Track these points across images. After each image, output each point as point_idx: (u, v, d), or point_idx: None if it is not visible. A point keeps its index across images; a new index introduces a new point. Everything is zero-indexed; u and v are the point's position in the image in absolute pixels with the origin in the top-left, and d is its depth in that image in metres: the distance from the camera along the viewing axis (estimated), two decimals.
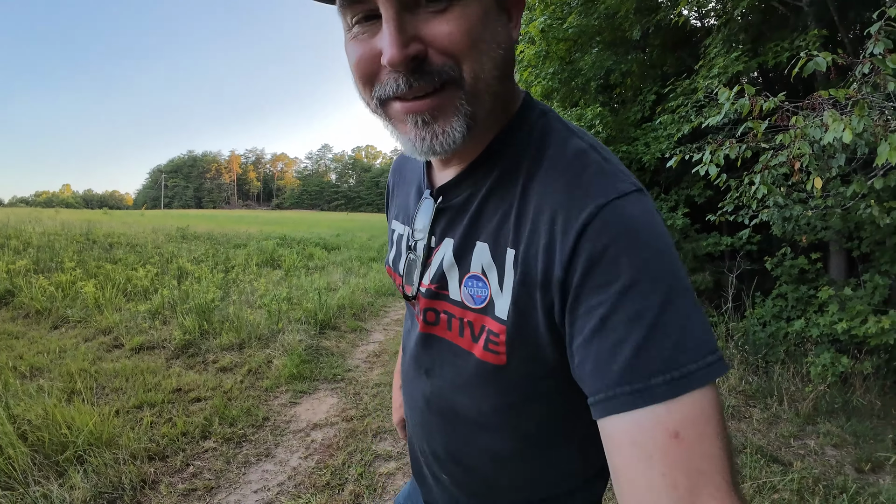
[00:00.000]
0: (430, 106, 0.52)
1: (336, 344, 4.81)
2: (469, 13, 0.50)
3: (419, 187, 0.74)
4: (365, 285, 7.78)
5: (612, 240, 0.48)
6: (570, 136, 0.59)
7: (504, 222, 0.58)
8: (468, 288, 0.62)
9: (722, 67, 4.69)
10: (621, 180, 0.53)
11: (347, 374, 4.05)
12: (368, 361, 4.44)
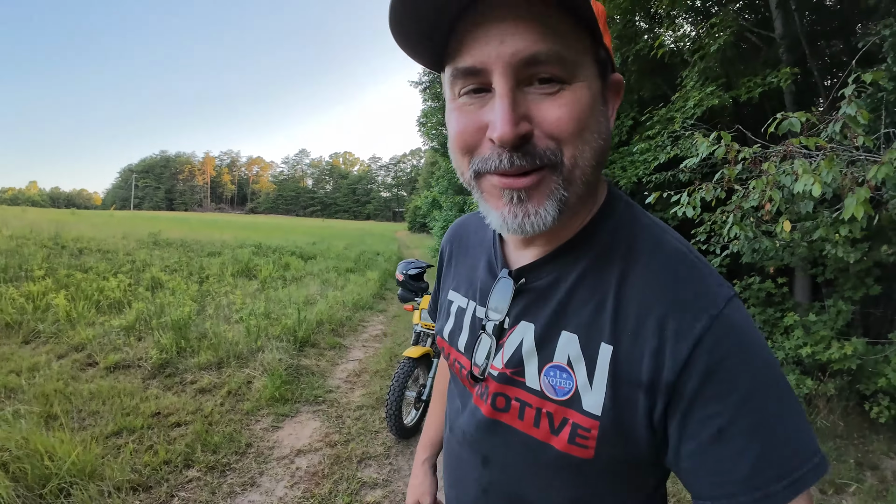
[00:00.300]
0: (528, 184, 0.52)
1: (316, 362, 4.79)
2: (579, 99, 0.51)
3: (490, 263, 0.73)
4: (343, 298, 7.74)
5: (728, 352, 0.51)
6: (663, 233, 0.60)
7: (598, 315, 0.58)
8: (549, 378, 0.60)
9: (697, 101, 4.89)
10: (720, 284, 0.55)
11: (329, 396, 4.04)
12: (349, 381, 4.44)
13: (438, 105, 14.97)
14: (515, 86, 0.50)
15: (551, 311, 0.61)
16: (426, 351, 3.55)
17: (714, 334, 0.51)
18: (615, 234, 0.61)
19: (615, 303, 0.57)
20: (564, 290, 0.61)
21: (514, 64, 0.49)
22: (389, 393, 3.25)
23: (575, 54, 0.51)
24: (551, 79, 0.50)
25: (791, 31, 5.36)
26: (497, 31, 0.49)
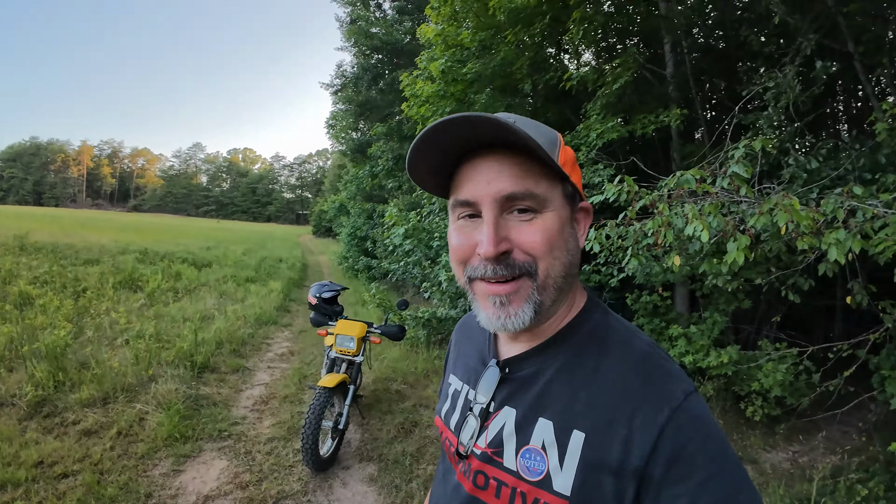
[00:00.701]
0: (508, 291, 0.65)
1: (217, 390, 4.44)
2: (548, 225, 0.66)
3: (482, 353, 0.83)
4: (243, 312, 7.27)
5: (689, 440, 0.59)
6: (633, 336, 0.70)
7: (572, 405, 0.66)
8: (525, 459, 0.67)
9: (599, 132, 5.31)
10: (682, 380, 0.64)
11: (235, 429, 3.77)
12: (256, 410, 4.18)
13: (349, 108, 14.67)
14: (499, 214, 0.65)
15: (531, 399, 0.70)
16: (342, 378, 3.46)
17: (675, 424, 0.59)
18: (590, 335, 0.71)
19: (588, 395, 0.66)
20: (543, 382, 0.70)
21: (497, 199, 0.64)
22: (305, 426, 3.11)
23: (544, 191, 0.65)
24: (526, 209, 0.65)
25: (681, 72, 6.02)
26: (486, 174, 0.65)
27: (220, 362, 5.12)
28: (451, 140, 0.65)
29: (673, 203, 3.04)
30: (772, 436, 4.20)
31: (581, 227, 0.73)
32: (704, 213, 2.85)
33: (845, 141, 3.85)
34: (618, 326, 0.72)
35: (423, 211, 7.84)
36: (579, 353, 0.70)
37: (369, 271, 14.78)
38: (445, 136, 0.64)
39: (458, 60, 6.89)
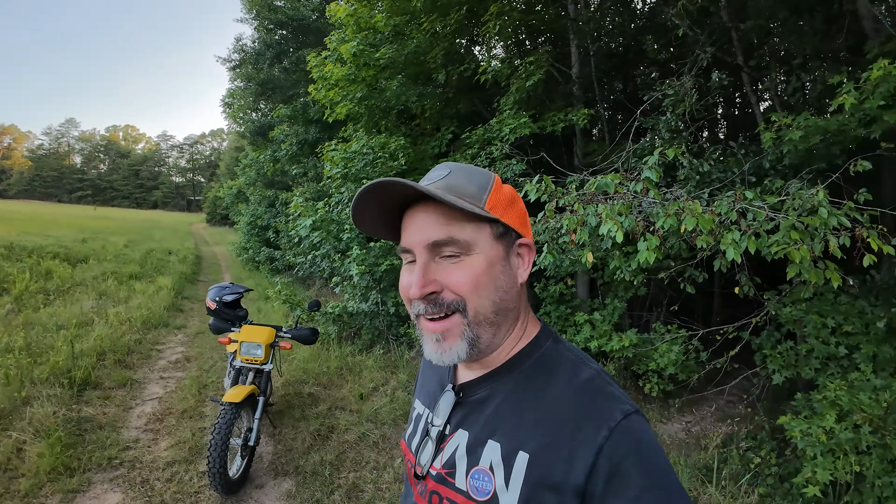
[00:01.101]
0: (442, 328, 0.71)
1: (102, 410, 3.87)
2: (475, 266, 0.70)
3: (442, 379, 0.87)
4: (128, 315, 6.48)
5: (624, 456, 0.62)
6: (580, 363, 0.74)
7: (518, 428, 0.70)
8: (474, 480, 0.71)
9: (512, 128, 5.39)
10: (623, 402, 0.67)
11: (127, 455, 3.30)
12: (150, 430, 3.71)
13: (248, 87, 13.58)
14: (430, 259, 0.71)
15: (482, 422, 0.74)
16: (250, 390, 3.17)
17: (613, 442, 0.63)
18: (540, 362, 0.75)
19: (534, 418, 0.69)
20: (494, 405, 0.74)
21: (426, 245, 0.71)
22: (210, 447, 2.80)
23: (469, 235, 0.70)
24: (453, 254, 0.70)
25: (585, 73, 6.29)
26: (417, 224, 0.72)
27: (104, 376, 4.48)
28: (382, 199, 0.73)
29: (587, 203, 3.13)
30: (667, 409, 4.60)
31: (523, 262, 0.77)
32: (614, 212, 2.97)
33: (732, 147, 4.23)
34: (566, 354, 0.76)
35: (331, 201, 7.47)
36: (528, 378, 0.74)
37: (272, 263, 13.96)
38: (375, 197, 0.72)
39: (371, 44, 6.60)
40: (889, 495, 2.78)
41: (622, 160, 4.63)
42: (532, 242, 0.79)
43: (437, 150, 7.13)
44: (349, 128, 7.92)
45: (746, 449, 3.73)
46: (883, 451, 2.86)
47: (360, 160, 6.47)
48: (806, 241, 2.46)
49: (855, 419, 2.90)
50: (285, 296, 6.94)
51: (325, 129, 11.00)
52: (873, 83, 2.66)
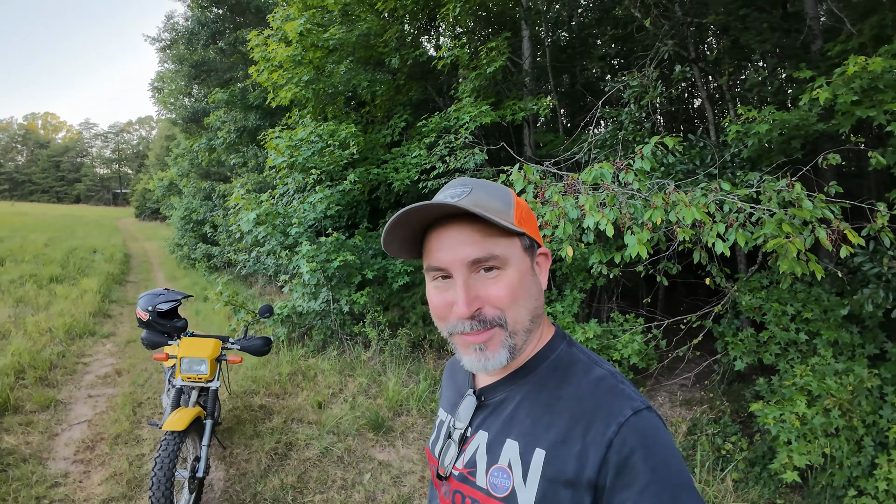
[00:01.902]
0: (485, 339, 0.73)
1: (24, 438, 3.34)
2: (512, 279, 0.72)
3: (462, 386, 0.90)
4: (49, 324, 5.76)
5: (632, 450, 0.64)
6: (592, 364, 0.77)
7: (535, 426, 0.73)
8: (493, 477, 0.74)
9: (474, 116, 5.18)
10: (634, 399, 0.70)
11: (56, 493, 2.83)
12: (80, 460, 3.23)
13: (180, 69, 12.51)
14: (468, 276, 0.73)
15: (501, 422, 0.77)
16: (195, 414, 2.79)
17: (621, 437, 0.65)
18: (555, 364, 0.78)
19: (549, 417, 0.72)
20: (512, 406, 0.78)
21: (465, 264, 0.72)
22: (153, 485, 2.43)
23: (504, 250, 0.73)
24: (491, 268, 0.72)
25: (539, 63, 6.18)
26: (451, 242, 0.73)
27: (24, 397, 3.89)
28: (414, 220, 0.73)
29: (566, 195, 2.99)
30: None
31: (542, 270, 0.80)
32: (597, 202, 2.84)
33: (692, 139, 4.24)
34: (580, 356, 0.79)
35: (275, 192, 6.97)
36: (545, 380, 0.77)
37: (209, 261, 13.10)
38: (408, 219, 0.72)
39: (319, 24, 6.15)
40: (858, 475, 2.87)
41: (583, 150, 4.55)
42: (548, 251, 0.82)
43: (388, 139, 6.82)
44: (293, 114, 7.43)
45: (714, 434, 3.78)
46: (850, 433, 2.94)
47: (307, 148, 6.04)
48: (795, 234, 2.42)
49: (825, 404, 2.96)
50: (228, 297, 6.40)
51: (267, 115, 10.34)
52: (848, 78, 2.66)
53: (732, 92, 4.68)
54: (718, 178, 3.77)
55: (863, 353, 3.38)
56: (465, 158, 5.20)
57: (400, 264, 6.06)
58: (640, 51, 5.05)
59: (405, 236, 0.77)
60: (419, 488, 3.16)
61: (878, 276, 3.29)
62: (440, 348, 5.86)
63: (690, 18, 4.28)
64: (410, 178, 5.89)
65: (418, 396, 4.50)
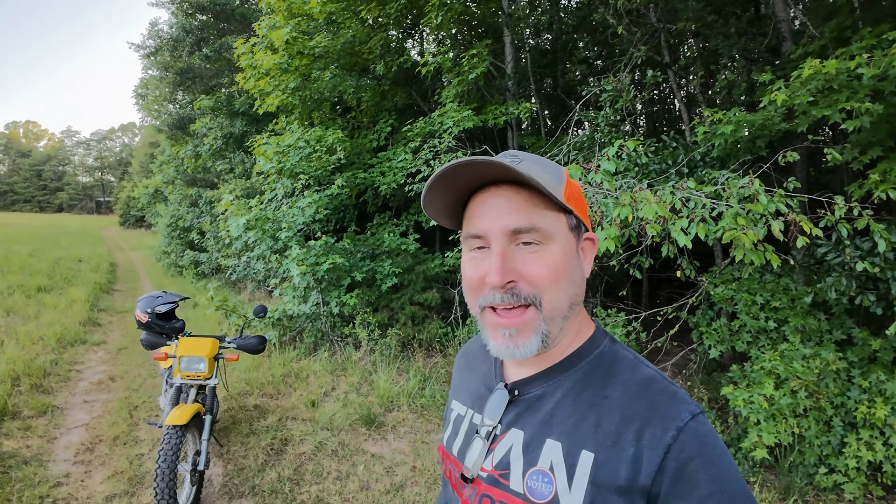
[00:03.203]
0: (517, 324, 0.67)
1: (24, 442, 3.41)
2: (554, 257, 0.68)
3: (488, 377, 0.84)
4: (40, 333, 5.80)
5: (691, 457, 0.61)
6: (639, 363, 0.72)
7: (580, 426, 0.67)
8: (532, 481, 0.68)
9: (457, 121, 5.35)
10: (688, 402, 0.66)
11: (59, 492, 2.91)
12: (81, 461, 3.31)
13: (165, 76, 12.52)
14: (507, 246, 0.68)
15: (539, 420, 0.71)
16: (195, 410, 2.91)
17: (680, 442, 0.62)
18: (598, 361, 0.73)
19: (596, 417, 0.67)
20: (552, 403, 0.71)
21: (505, 233, 0.67)
22: (157, 477, 2.54)
23: (549, 224, 0.68)
24: (532, 242, 0.68)
25: (520, 68, 6.37)
26: (494, 209, 0.68)
27: (21, 403, 3.95)
28: (459, 179, 0.69)
29: None
30: None
31: (586, 257, 0.75)
32: None
33: (665, 140, 4.45)
34: (625, 354, 0.74)
35: (263, 198, 7.06)
36: (587, 377, 0.72)
37: (197, 267, 13.08)
38: (454, 176, 0.68)
39: (305, 32, 6.28)
40: (828, 453, 3.05)
41: (563, 153, 4.74)
42: (595, 237, 0.77)
43: (374, 144, 6.96)
44: (280, 120, 7.54)
45: None
46: (819, 414, 3.13)
47: (295, 154, 6.16)
48: (749, 226, 2.61)
49: (792, 385, 3.15)
50: (219, 301, 6.48)
51: (253, 121, 10.42)
52: (804, 80, 2.86)
53: (705, 94, 4.90)
54: (688, 176, 3.98)
55: (830, 338, 3.58)
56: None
57: (388, 266, 6.19)
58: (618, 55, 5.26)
59: (447, 200, 0.73)
60: (411, 477, 3.30)
61: (840, 265, 3.51)
62: (429, 347, 6.00)
63: (663, 24, 4.49)
64: (397, 182, 6.03)
65: (408, 393, 4.63)
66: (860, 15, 3.64)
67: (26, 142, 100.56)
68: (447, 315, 6.48)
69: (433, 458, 3.55)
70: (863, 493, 2.91)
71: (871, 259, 2.99)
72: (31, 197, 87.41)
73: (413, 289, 6.34)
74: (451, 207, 0.75)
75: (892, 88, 2.67)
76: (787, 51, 3.96)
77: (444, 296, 6.71)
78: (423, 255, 6.72)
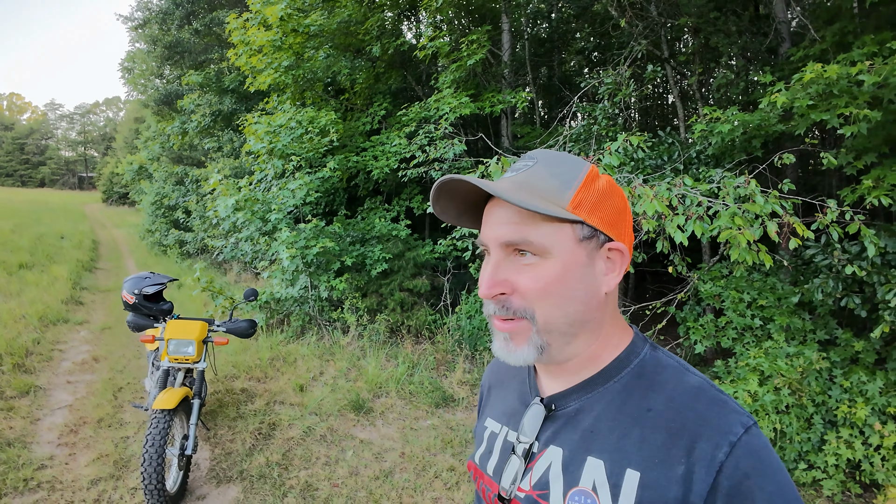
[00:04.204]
0: (509, 329, 0.66)
1: (8, 423, 3.35)
2: (547, 272, 0.64)
3: (522, 393, 0.80)
4: (22, 311, 5.68)
5: (746, 475, 0.57)
6: (685, 371, 0.67)
7: (624, 442, 0.63)
8: (574, 502, 0.64)
9: (454, 108, 5.29)
10: (740, 414, 0.61)
11: (44, 475, 2.87)
12: (66, 444, 3.26)
13: (152, 50, 12.15)
14: (503, 257, 0.66)
15: (579, 437, 0.67)
16: (183, 393, 2.88)
17: (734, 459, 0.58)
18: (640, 371, 0.68)
19: (641, 432, 0.63)
20: (592, 418, 0.67)
21: (499, 243, 0.66)
22: (145, 461, 2.52)
23: (544, 237, 0.64)
24: (528, 252, 0.65)
25: (518, 56, 6.31)
26: (493, 219, 0.67)
27: (3, 383, 3.87)
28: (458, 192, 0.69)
29: None
30: None
31: (610, 269, 0.68)
32: None
33: (661, 136, 4.45)
34: (669, 362, 0.69)
35: (252, 178, 6.94)
36: (628, 388, 0.67)
37: (182, 247, 12.88)
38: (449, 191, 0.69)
39: (300, 9, 6.12)
40: (809, 449, 3.13)
41: (559, 144, 4.72)
42: (625, 247, 0.68)
43: (368, 127, 6.87)
44: (272, 99, 7.39)
45: None
46: (800, 411, 3.21)
47: (286, 135, 6.05)
48: (746, 226, 2.64)
49: (775, 382, 3.22)
50: (205, 283, 6.39)
51: (243, 99, 10.20)
52: (805, 84, 2.87)
53: (703, 91, 4.91)
54: (683, 173, 4.00)
55: (814, 338, 3.66)
56: (445, 148, 5.32)
57: (378, 251, 6.16)
58: (616, 47, 5.22)
59: (459, 208, 0.73)
60: (399, 463, 3.32)
61: (828, 267, 3.57)
62: (417, 333, 6.01)
63: (664, 19, 4.47)
64: (390, 167, 5.97)
65: (397, 379, 4.64)
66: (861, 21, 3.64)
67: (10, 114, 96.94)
68: (436, 302, 6.48)
69: (422, 444, 3.57)
70: (841, 491, 3.00)
71: (860, 263, 3.04)
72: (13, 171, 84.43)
73: (403, 275, 6.32)
74: (468, 212, 0.74)
75: (890, 96, 2.69)
76: (787, 52, 3.97)
77: (433, 283, 6.70)
78: (413, 241, 6.68)
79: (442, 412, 4.18)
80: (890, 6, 3.34)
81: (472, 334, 5.41)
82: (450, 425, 3.91)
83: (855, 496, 2.99)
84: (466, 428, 3.86)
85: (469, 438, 3.69)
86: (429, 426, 3.89)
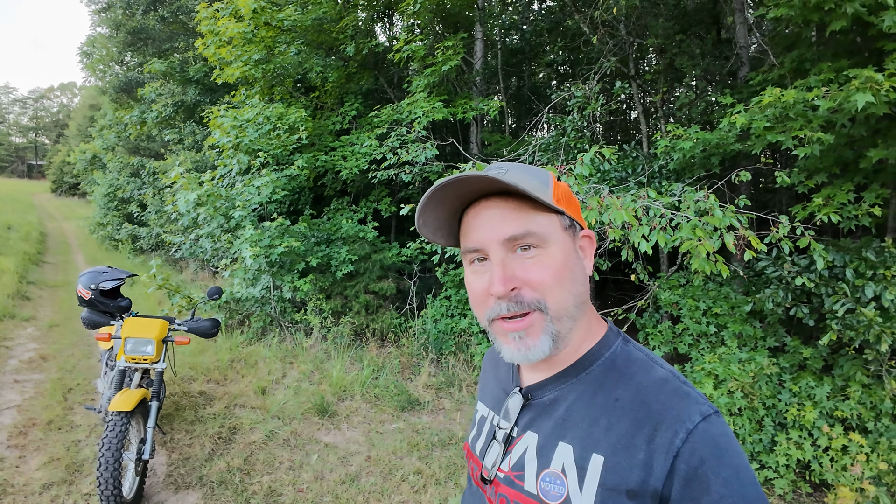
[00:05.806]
0: (524, 326, 0.68)
1: None
2: (554, 259, 0.69)
3: (506, 382, 0.86)
4: None
5: (702, 461, 0.60)
6: (652, 364, 0.72)
7: (592, 429, 0.68)
8: (545, 483, 0.69)
9: (427, 112, 5.31)
10: (700, 403, 0.65)
11: None
12: (15, 446, 3.07)
13: (114, 35, 11.61)
14: (506, 255, 0.69)
15: (552, 423, 0.73)
16: (141, 395, 2.77)
17: (690, 445, 0.61)
18: (611, 363, 0.73)
19: (608, 420, 0.67)
20: (564, 407, 0.73)
21: (501, 242, 0.69)
22: (101, 466, 2.41)
23: (543, 227, 0.69)
24: (529, 246, 0.69)
25: (490, 65, 6.40)
26: (487, 221, 0.70)
27: None
28: (449, 197, 0.71)
29: None
30: None
31: (586, 254, 0.76)
32: None
33: (626, 150, 4.62)
34: (638, 355, 0.74)
35: (215, 173, 6.73)
36: (600, 379, 0.72)
37: (135, 242, 12.36)
38: (443, 195, 0.70)
39: (274, 2, 6.01)
40: (760, 450, 3.30)
41: (528, 153, 4.82)
42: (592, 234, 0.77)
43: (338, 126, 6.80)
44: (239, 93, 7.20)
45: None
46: (752, 413, 3.38)
47: (253, 130, 5.91)
48: (706, 238, 2.77)
49: (729, 386, 3.38)
50: (162, 280, 6.14)
51: (208, 91, 9.89)
52: (763, 106, 3.04)
53: (665, 108, 5.12)
54: (647, 186, 4.16)
55: (764, 344, 3.86)
56: (417, 152, 5.33)
57: (344, 253, 6.09)
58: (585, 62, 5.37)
59: (441, 217, 0.75)
60: (366, 467, 3.30)
61: (778, 278, 3.78)
62: (383, 336, 5.98)
63: (633, 38, 4.64)
64: (359, 168, 5.92)
65: (362, 382, 4.61)
66: (819, 49, 3.88)
67: None
68: (402, 306, 6.46)
69: (388, 447, 3.56)
70: (792, 490, 3.17)
71: (809, 275, 3.24)
72: None
73: (369, 277, 6.27)
74: (444, 225, 0.77)
75: (843, 121, 2.89)
76: (747, 76, 4.19)
77: (399, 286, 6.67)
78: (380, 243, 6.64)
79: (408, 416, 4.17)
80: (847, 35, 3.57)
81: (437, 338, 5.43)
82: (416, 429, 3.91)
83: (805, 495, 3.17)
84: (433, 431, 3.87)
85: (435, 441, 3.70)
86: (395, 429, 3.88)
